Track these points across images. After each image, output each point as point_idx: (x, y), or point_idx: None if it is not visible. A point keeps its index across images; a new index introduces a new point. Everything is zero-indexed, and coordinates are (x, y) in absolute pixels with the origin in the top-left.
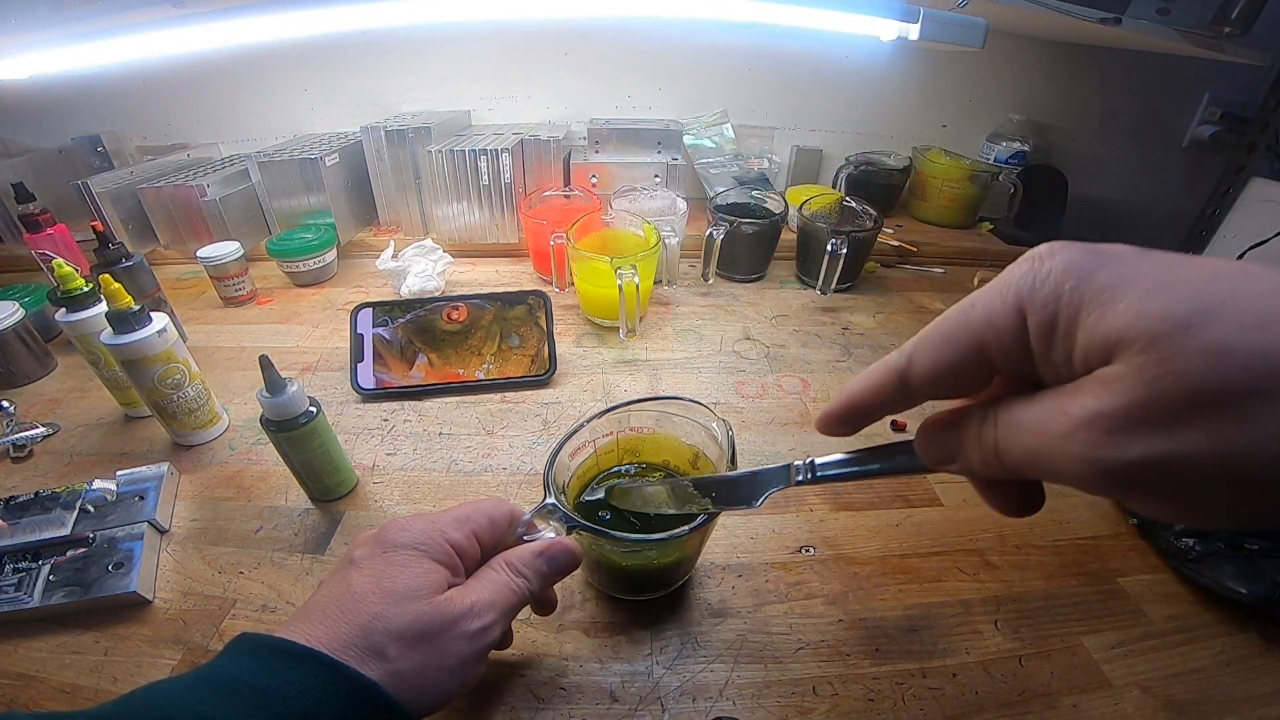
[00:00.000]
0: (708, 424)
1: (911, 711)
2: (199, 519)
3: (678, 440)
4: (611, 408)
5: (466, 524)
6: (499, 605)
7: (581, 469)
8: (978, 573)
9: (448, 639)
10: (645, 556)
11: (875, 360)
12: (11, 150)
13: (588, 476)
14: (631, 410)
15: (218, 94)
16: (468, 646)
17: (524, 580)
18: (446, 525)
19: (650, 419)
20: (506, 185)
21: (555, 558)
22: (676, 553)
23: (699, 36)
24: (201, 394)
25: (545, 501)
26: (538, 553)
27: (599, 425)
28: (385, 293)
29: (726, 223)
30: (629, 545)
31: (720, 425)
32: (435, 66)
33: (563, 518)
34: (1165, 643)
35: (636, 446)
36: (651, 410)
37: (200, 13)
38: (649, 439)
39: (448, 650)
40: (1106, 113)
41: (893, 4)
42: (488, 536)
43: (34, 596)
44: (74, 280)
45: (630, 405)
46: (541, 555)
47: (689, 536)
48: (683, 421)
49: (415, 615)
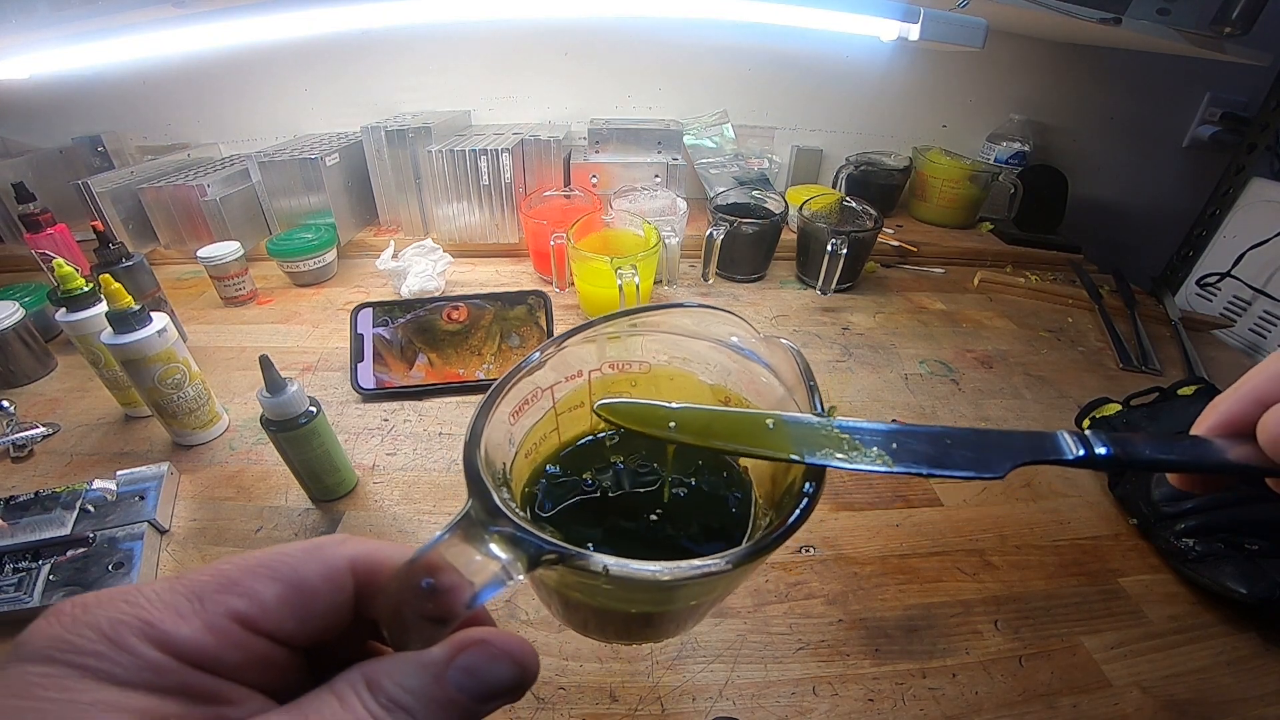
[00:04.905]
0: (742, 348)
1: (911, 711)
2: (199, 519)
3: (693, 379)
4: (580, 327)
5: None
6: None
7: (531, 440)
8: (978, 573)
9: None
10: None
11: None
12: (12, 150)
13: (541, 453)
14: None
15: (218, 94)
16: None
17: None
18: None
19: (650, 345)
20: (506, 185)
21: (477, 671)
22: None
23: (699, 36)
24: (201, 394)
25: (468, 505)
26: (441, 660)
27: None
28: (385, 293)
29: (726, 223)
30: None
31: (784, 348)
32: (435, 66)
33: (520, 535)
34: (1165, 643)
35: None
36: (648, 332)
37: (200, 13)
38: (642, 381)
39: None
40: (1106, 113)
41: (893, 4)
42: (290, 617)
43: (34, 596)
44: (74, 280)
45: (610, 321)
46: (449, 667)
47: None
48: (699, 348)
49: None
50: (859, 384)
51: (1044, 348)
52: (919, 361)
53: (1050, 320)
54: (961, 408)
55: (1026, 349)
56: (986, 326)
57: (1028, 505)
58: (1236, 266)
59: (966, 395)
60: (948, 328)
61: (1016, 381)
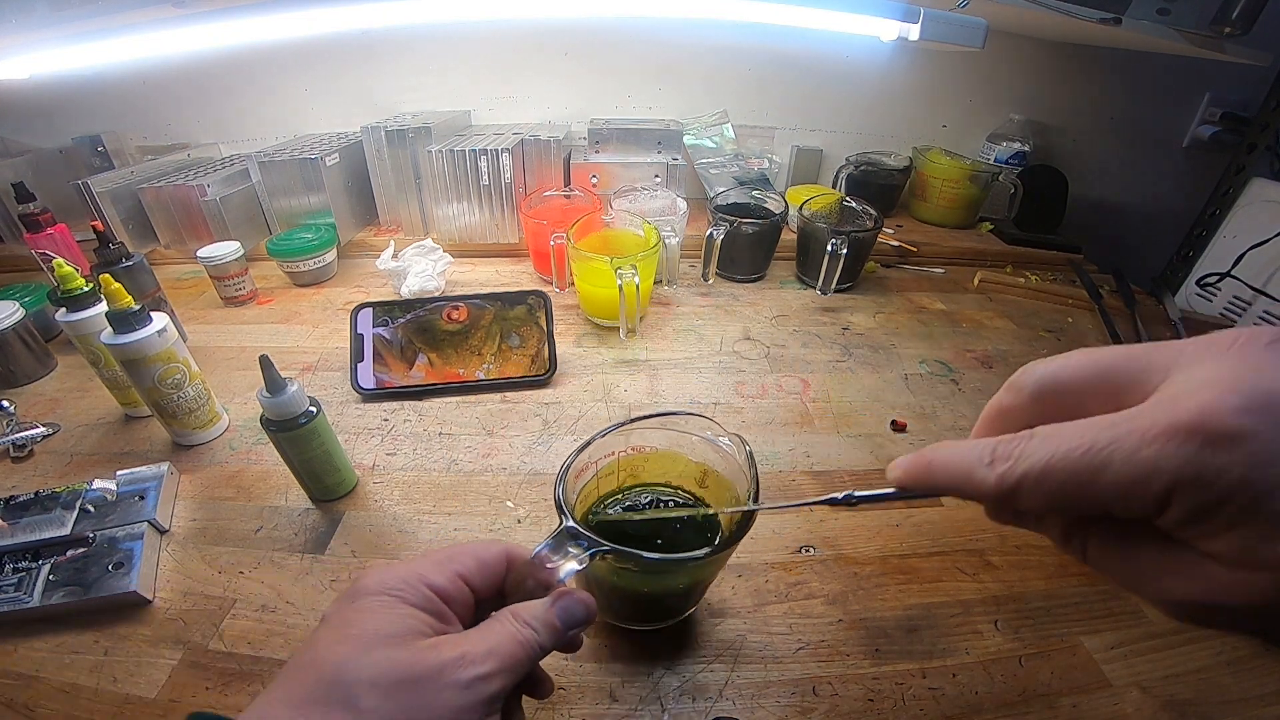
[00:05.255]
0: (716, 439)
1: (911, 711)
2: (199, 519)
3: (684, 458)
4: (611, 427)
5: (449, 565)
6: (499, 655)
7: (584, 492)
8: (978, 573)
9: (435, 688)
10: (671, 578)
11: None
12: (12, 150)
13: (589, 500)
14: (633, 429)
15: (218, 94)
16: (461, 698)
17: (531, 632)
18: (426, 569)
19: (653, 437)
20: (507, 185)
21: (568, 608)
22: (703, 571)
23: (699, 36)
24: (201, 394)
25: (563, 525)
26: (549, 604)
27: (600, 446)
28: (385, 293)
29: (726, 223)
30: (659, 567)
31: (733, 441)
32: (435, 66)
33: (583, 542)
34: (1165, 643)
35: (639, 466)
36: (652, 428)
37: (200, 13)
38: (652, 458)
39: (435, 702)
40: (1107, 113)
41: (893, 4)
42: (479, 580)
43: (34, 596)
44: (74, 280)
45: (632, 424)
46: (553, 607)
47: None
48: (688, 437)
49: (391, 661)
50: (859, 384)
51: (1044, 348)
52: (919, 361)
53: (1050, 320)
54: (961, 408)
55: (1026, 349)
56: (986, 326)
57: None
58: (1236, 266)
59: (966, 395)
60: (948, 328)
61: None
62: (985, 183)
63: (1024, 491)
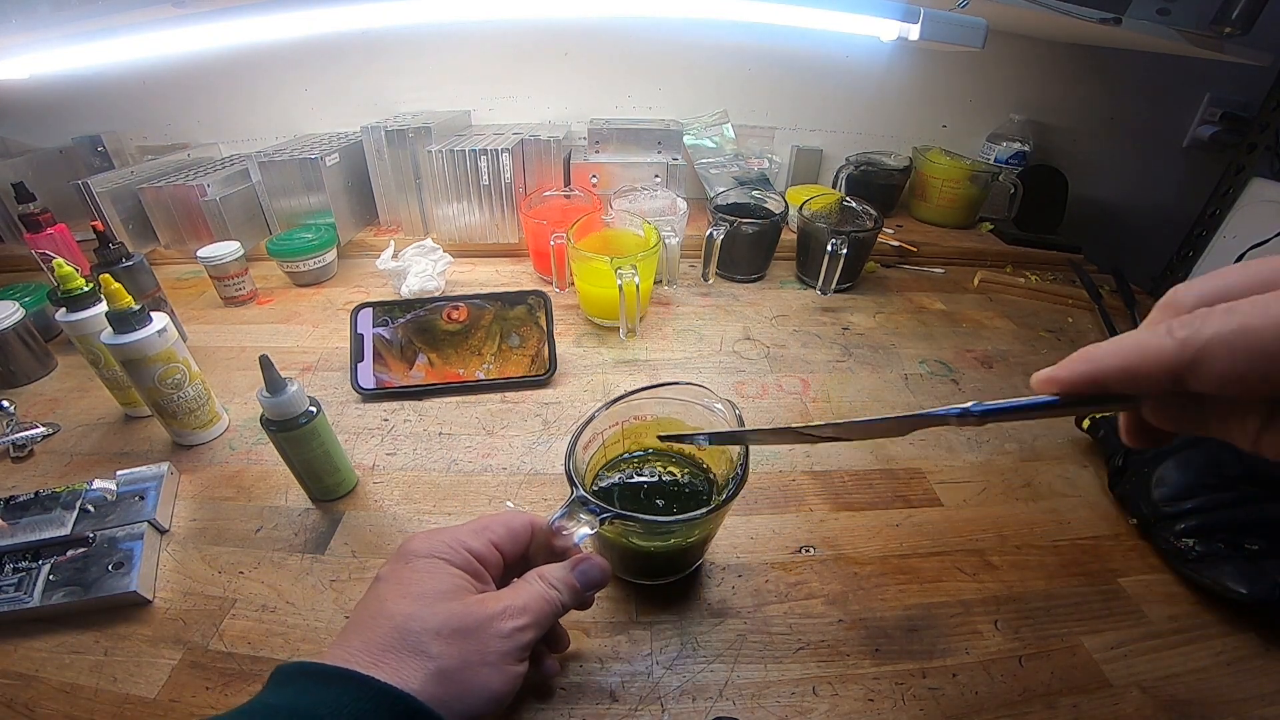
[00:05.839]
0: (710, 405)
1: (911, 711)
2: (199, 519)
3: (682, 424)
4: (615, 399)
5: (485, 533)
6: (532, 610)
7: (593, 461)
8: (978, 573)
9: (485, 636)
10: (673, 537)
11: (875, 360)
12: (11, 150)
13: (597, 466)
14: (634, 400)
15: (218, 94)
16: (504, 644)
17: (556, 592)
18: (465, 535)
19: (653, 405)
20: (507, 185)
21: (586, 572)
22: (702, 530)
23: (699, 36)
24: (201, 394)
25: (574, 495)
26: (569, 567)
27: (605, 417)
28: (385, 293)
29: (726, 223)
30: (660, 528)
31: (725, 405)
32: (435, 66)
33: (593, 509)
34: (1165, 643)
35: (641, 434)
36: (652, 398)
37: (200, 13)
38: (653, 425)
39: (487, 647)
40: (1107, 113)
41: (893, 4)
42: (509, 547)
43: (34, 596)
44: (74, 280)
45: (633, 395)
46: (573, 570)
47: (716, 513)
48: (686, 405)
49: (449, 613)
50: (859, 384)
51: (1044, 348)
52: (919, 361)
53: (1050, 320)
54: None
55: (1026, 349)
56: (986, 326)
57: (1028, 505)
58: None
59: (966, 395)
60: (948, 328)
61: (1017, 381)
62: (985, 183)
63: (1210, 359)
